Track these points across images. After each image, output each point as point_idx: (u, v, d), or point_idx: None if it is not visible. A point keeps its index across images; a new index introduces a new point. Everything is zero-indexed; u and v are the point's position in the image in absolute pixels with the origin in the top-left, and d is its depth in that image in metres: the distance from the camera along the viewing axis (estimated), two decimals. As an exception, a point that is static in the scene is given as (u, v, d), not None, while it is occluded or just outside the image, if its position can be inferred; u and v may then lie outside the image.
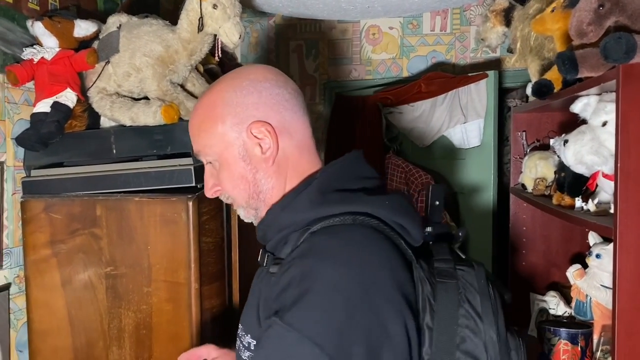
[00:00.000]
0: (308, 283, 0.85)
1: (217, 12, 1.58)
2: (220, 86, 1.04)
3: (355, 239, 0.91)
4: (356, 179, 1.01)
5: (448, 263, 0.96)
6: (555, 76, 1.44)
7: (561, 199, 1.49)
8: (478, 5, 2.90)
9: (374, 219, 0.94)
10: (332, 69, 3.10)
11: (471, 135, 2.67)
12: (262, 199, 1.01)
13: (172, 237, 1.58)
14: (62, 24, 1.69)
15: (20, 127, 1.69)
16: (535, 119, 2.17)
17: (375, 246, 0.91)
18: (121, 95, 1.74)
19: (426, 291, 0.91)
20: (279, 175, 1.01)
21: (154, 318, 1.61)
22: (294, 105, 1.02)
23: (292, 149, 1.01)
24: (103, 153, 1.70)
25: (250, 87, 1.00)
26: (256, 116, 0.98)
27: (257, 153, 0.99)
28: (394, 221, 0.96)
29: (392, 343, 0.85)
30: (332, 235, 0.91)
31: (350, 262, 0.87)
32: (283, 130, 1.00)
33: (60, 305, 1.66)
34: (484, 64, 2.92)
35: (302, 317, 0.83)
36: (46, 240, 1.66)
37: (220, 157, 1.01)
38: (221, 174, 1.02)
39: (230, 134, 0.99)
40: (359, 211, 0.93)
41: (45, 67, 1.66)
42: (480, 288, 0.93)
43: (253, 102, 0.99)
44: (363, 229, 0.92)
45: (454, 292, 0.92)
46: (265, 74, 1.03)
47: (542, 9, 1.58)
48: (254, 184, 1.00)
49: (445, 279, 0.93)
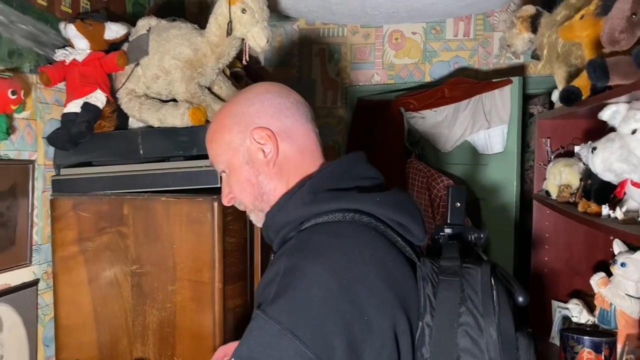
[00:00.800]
0: (290, 277, 0.88)
1: (245, 17, 1.60)
2: (229, 102, 1.15)
3: (341, 234, 0.94)
4: (351, 179, 1.04)
5: (454, 261, 0.97)
6: (583, 83, 1.43)
7: (587, 206, 1.48)
8: (502, 12, 2.89)
9: (366, 215, 0.96)
10: (354, 73, 3.11)
11: (494, 141, 2.66)
12: (266, 200, 1.07)
13: (197, 236, 1.60)
14: (93, 26, 1.73)
15: (51, 126, 1.73)
16: (559, 126, 2.15)
17: (361, 241, 0.93)
18: (150, 97, 1.77)
19: (427, 290, 0.93)
20: (281, 177, 1.06)
21: (177, 316, 1.63)
22: (295, 113, 1.09)
23: (294, 152, 1.07)
24: (130, 153, 1.73)
25: (254, 99, 1.09)
26: (258, 123, 1.06)
27: (259, 157, 1.06)
28: (390, 218, 0.98)
29: (375, 337, 0.86)
30: (317, 232, 0.95)
31: (334, 257, 0.89)
32: (284, 135, 1.06)
33: (86, 301, 1.70)
34: (507, 70, 2.91)
35: (283, 310, 0.85)
36: (74, 237, 1.70)
37: (229, 163, 1.09)
38: (231, 180, 1.10)
39: (236, 141, 1.07)
40: (348, 208, 0.96)
41: (76, 68, 1.69)
42: (483, 285, 0.92)
43: (255, 111, 1.07)
44: (351, 224, 0.95)
45: (456, 289, 0.92)
46: (268, 88, 1.13)
47: (570, 15, 1.57)
48: (258, 186, 1.07)
49: (449, 277, 0.94)
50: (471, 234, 1.11)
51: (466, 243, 1.10)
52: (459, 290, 0.92)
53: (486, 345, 0.89)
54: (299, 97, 1.13)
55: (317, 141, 1.11)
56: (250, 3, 1.61)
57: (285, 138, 1.06)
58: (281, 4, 2.39)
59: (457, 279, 0.93)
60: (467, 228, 1.12)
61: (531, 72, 2.87)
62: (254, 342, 0.86)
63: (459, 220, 1.14)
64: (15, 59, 1.58)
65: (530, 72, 2.87)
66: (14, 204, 1.58)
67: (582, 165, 1.77)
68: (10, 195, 1.56)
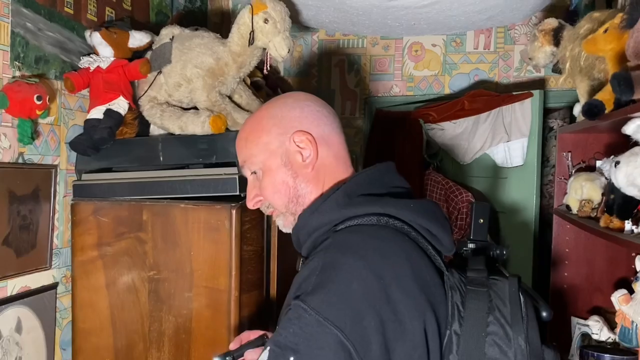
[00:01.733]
0: (330, 271, 0.89)
1: (267, 27, 1.62)
2: (266, 105, 1.15)
3: (377, 235, 0.95)
4: (383, 186, 1.06)
5: (481, 273, 0.98)
6: (606, 97, 1.42)
7: (609, 221, 1.46)
8: (523, 25, 2.88)
9: (399, 221, 0.97)
10: (373, 84, 3.12)
11: (514, 155, 2.64)
12: (300, 203, 1.07)
13: (215, 244, 1.61)
14: (118, 34, 1.75)
15: (74, 132, 1.76)
16: (581, 140, 2.13)
17: (397, 245, 0.94)
18: (171, 105, 1.79)
19: (455, 299, 0.93)
20: (317, 181, 1.07)
21: (193, 323, 1.64)
22: (332, 122, 1.12)
23: (330, 158, 1.09)
24: (151, 160, 1.75)
25: (294, 104, 1.11)
26: (298, 127, 1.07)
27: (298, 160, 1.06)
28: (420, 225, 0.98)
29: (408, 338, 0.87)
30: (354, 232, 0.96)
31: (372, 256, 0.90)
32: (322, 141, 1.08)
33: (103, 306, 1.71)
34: (528, 84, 2.89)
35: (323, 301, 0.86)
36: (93, 242, 1.72)
37: (264, 165, 1.08)
38: (264, 181, 1.09)
39: (274, 142, 1.08)
40: (382, 212, 0.97)
41: (100, 75, 1.72)
42: (511, 296, 0.93)
43: (296, 115, 1.09)
44: (385, 228, 0.96)
45: (484, 299, 0.93)
46: (306, 96, 1.16)
47: (593, 29, 1.56)
48: (294, 188, 1.07)
49: (477, 287, 0.95)
50: (493, 250, 1.12)
51: (488, 258, 1.10)
52: (487, 300, 0.93)
53: (514, 354, 0.89)
54: (332, 109, 1.16)
55: (347, 150, 1.14)
56: (272, 13, 1.62)
57: (323, 144, 1.08)
58: (302, 15, 2.41)
59: (484, 290, 0.94)
60: (489, 244, 1.13)
61: (551, 85, 2.85)
62: (292, 331, 0.86)
63: (482, 237, 1.15)
64: (42, 66, 1.61)
65: (550, 85, 2.85)
66: (36, 208, 1.60)
67: (604, 179, 1.75)
68: (32, 199, 1.58)
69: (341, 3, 2.16)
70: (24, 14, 1.53)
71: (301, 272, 0.94)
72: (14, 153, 1.52)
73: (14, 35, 1.50)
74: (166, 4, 2.32)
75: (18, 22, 1.51)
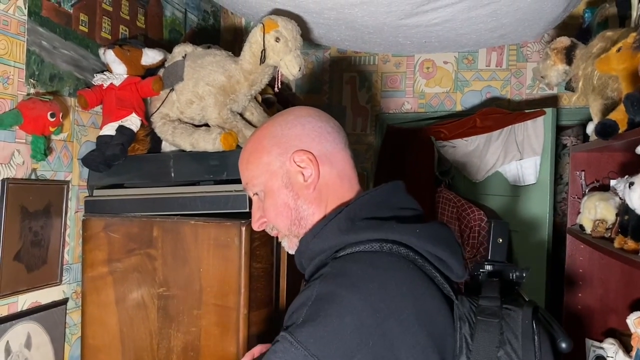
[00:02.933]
0: (323, 304, 0.84)
1: (279, 45, 1.63)
2: (268, 124, 1.11)
3: (378, 264, 0.89)
4: (389, 208, 1.01)
5: (494, 301, 0.92)
6: (620, 116, 1.40)
7: (624, 242, 1.44)
8: (536, 42, 2.88)
9: (404, 247, 0.92)
10: (384, 101, 3.12)
11: (527, 173, 2.62)
12: (303, 225, 1.04)
13: (224, 261, 1.60)
14: (131, 52, 1.77)
15: (87, 148, 1.77)
16: (594, 159, 2.11)
17: (399, 274, 0.89)
18: (183, 122, 1.80)
19: (464, 330, 0.88)
20: (320, 202, 1.04)
21: (202, 341, 1.63)
22: (335, 138, 1.07)
23: (334, 177, 1.05)
24: (162, 176, 1.76)
25: (295, 121, 1.07)
26: (299, 146, 1.04)
27: (299, 180, 1.03)
28: (428, 252, 0.93)
29: None
30: (354, 260, 0.91)
31: (369, 288, 0.85)
32: (324, 159, 1.04)
33: (113, 322, 1.71)
34: (540, 101, 2.88)
35: (312, 335, 0.82)
36: (104, 258, 1.72)
37: (266, 186, 1.06)
38: (266, 203, 1.06)
39: (275, 163, 1.04)
40: (386, 238, 0.92)
41: (113, 92, 1.74)
42: (524, 329, 0.87)
43: (296, 134, 1.05)
44: (389, 256, 0.91)
45: (495, 332, 0.87)
46: (308, 111, 1.10)
47: (606, 48, 1.56)
48: (296, 210, 1.04)
49: (488, 318, 0.89)
50: (512, 272, 1.06)
51: (507, 281, 1.05)
52: (498, 333, 0.87)
53: None
54: (337, 123, 1.11)
55: (354, 168, 1.09)
56: (283, 32, 1.63)
57: (326, 162, 1.04)
58: (314, 33, 2.42)
59: (496, 321, 0.88)
60: (508, 266, 1.07)
61: (564, 103, 2.83)
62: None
63: (501, 257, 1.09)
64: (56, 83, 1.63)
65: (563, 103, 2.83)
66: (48, 224, 1.61)
67: (618, 199, 1.73)
68: (44, 215, 1.59)
69: (352, 22, 2.17)
70: (40, 32, 1.56)
71: (296, 299, 0.90)
72: (27, 169, 1.54)
73: (29, 54, 1.52)
74: (179, 22, 2.34)
75: (34, 41, 1.54)
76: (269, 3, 1.88)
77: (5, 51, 1.45)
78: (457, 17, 2.09)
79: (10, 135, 1.48)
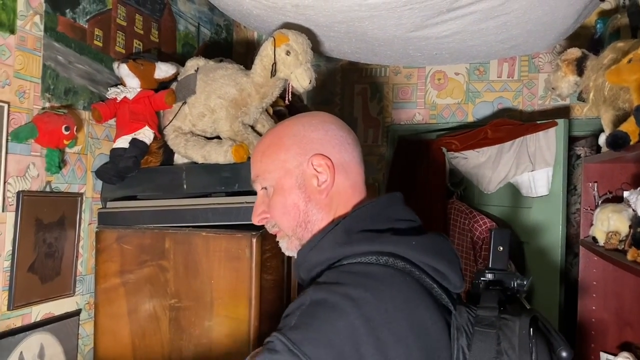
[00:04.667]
0: (316, 308, 0.84)
1: (289, 59, 1.64)
2: (290, 121, 1.11)
3: (373, 275, 0.89)
4: (386, 220, 1.01)
5: (492, 311, 0.91)
6: (631, 128, 1.40)
7: (637, 255, 1.43)
8: (547, 53, 2.87)
9: (400, 259, 0.92)
10: (395, 112, 3.13)
11: (539, 184, 2.59)
12: (309, 229, 1.04)
13: (235, 272, 1.61)
14: (144, 66, 1.80)
15: (100, 161, 1.80)
16: (607, 170, 2.10)
17: (394, 286, 0.88)
18: (195, 134, 1.82)
19: (461, 342, 0.88)
20: (330, 209, 1.04)
21: (213, 352, 1.63)
22: (353, 150, 1.09)
23: (347, 187, 1.05)
24: (174, 188, 1.78)
25: (318, 125, 1.08)
26: (319, 150, 1.04)
27: (313, 184, 1.03)
28: (425, 263, 0.93)
29: None
30: (349, 271, 0.91)
31: (364, 297, 0.85)
32: (341, 169, 1.04)
33: (125, 333, 1.72)
34: (552, 112, 2.87)
35: (304, 337, 0.81)
36: (116, 269, 1.74)
37: (277, 183, 1.05)
38: (274, 200, 1.05)
39: (292, 162, 1.04)
40: (382, 251, 0.92)
41: (127, 105, 1.76)
42: (521, 340, 0.86)
43: (318, 137, 1.05)
44: (384, 268, 0.91)
45: (492, 342, 0.87)
46: (332, 119, 1.12)
47: (617, 59, 1.55)
48: (305, 212, 1.03)
49: (485, 328, 0.88)
50: (514, 280, 1.05)
51: (508, 290, 1.04)
52: (495, 344, 0.86)
53: None
54: (356, 136, 1.12)
55: (364, 183, 1.10)
56: (294, 45, 1.65)
57: (342, 172, 1.04)
58: (324, 46, 2.44)
59: (493, 331, 0.87)
60: (509, 274, 1.06)
61: (577, 114, 2.81)
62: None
63: (502, 265, 1.09)
64: (71, 97, 1.66)
65: (576, 113, 2.82)
66: (62, 235, 1.63)
67: (632, 211, 1.71)
68: (58, 227, 1.62)
69: (362, 34, 2.18)
70: (56, 47, 1.59)
71: (291, 304, 0.90)
72: (42, 182, 1.56)
73: (45, 68, 1.55)
74: (192, 36, 2.38)
75: (49, 56, 1.57)
76: (280, 17, 1.90)
77: (22, 66, 1.48)
78: (467, 29, 2.10)
79: (26, 149, 1.50)
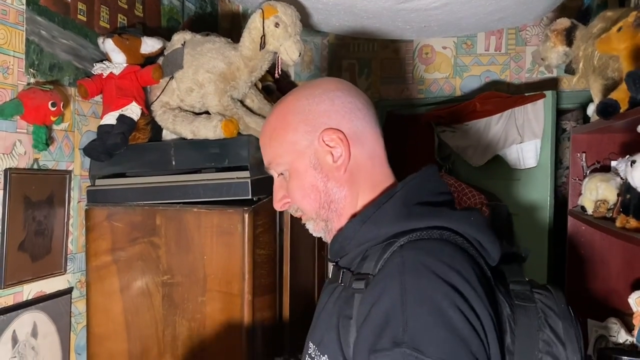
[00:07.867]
0: (416, 305, 0.78)
1: (278, 31, 1.62)
2: (292, 96, 1.03)
3: (446, 255, 0.84)
4: (436, 194, 0.96)
5: (524, 285, 0.90)
6: (621, 96, 1.40)
7: (626, 221, 1.45)
8: (535, 26, 2.87)
9: (458, 235, 0.88)
10: (384, 87, 3.11)
11: (527, 156, 2.61)
12: (333, 209, 0.98)
13: (228, 248, 1.61)
14: (130, 41, 1.77)
15: (88, 138, 1.77)
16: (595, 140, 2.12)
17: (463, 264, 0.84)
18: (183, 110, 1.80)
19: (506, 313, 0.87)
20: (352, 184, 0.97)
21: (207, 327, 1.64)
22: (366, 114, 0.99)
23: (364, 158, 0.98)
24: (163, 165, 1.76)
25: (323, 96, 0.99)
26: (328, 124, 0.96)
27: (328, 161, 0.96)
28: (477, 240, 0.90)
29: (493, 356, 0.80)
30: (422, 251, 0.84)
31: (448, 280, 0.80)
32: (355, 139, 0.97)
33: (117, 310, 1.72)
34: (540, 84, 2.88)
35: (429, 341, 0.75)
36: (107, 247, 1.73)
37: (291, 166, 0.99)
38: (291, 184, 1.00)
39: (302, 142, 0.97)
40: (444, 226, 0.88)
41: (113, 81, 1.73)
42: (562, 313, 0.87)
43: (325, 110, 0.97)
44: (450, 245, 0.86)
45: (534, 316, 0.86)
46: (337, 84, 1.02)
47: (606, 28, 1.55)
48: (326, 193, 0.97)
49: (524, 302, 0.88)
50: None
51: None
52: (537, 317, 0.87)
53: None
54: (367, 97, 1.03)
55: (384, 147, 1.02)
56: (283, 17, 1.63)
57: (357, 142, 0.97)
58: (313, 19, 2.41)
59: (532, 305, 0.88)
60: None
61: (564, 86, 2.83)
62: None
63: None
64: (56, 72, 1.63)
65: (563, 86, 2.83)
66: (51, 213, 1.61)
67: (620, 180, 1.73)
68: (47, 205, 1.60)
69: (351, 6, 2.16)
70: (38, 21, 1.55)
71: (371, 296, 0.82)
72: (29, 159, 1.54)
73: (28, 43, 1.52)
74: (177, 10, 2.33)
75: (33, 30, 1.53)
76: (267, -11, 1.87)
77: (4, 41, 1.44)
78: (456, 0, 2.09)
79: (12, 125, 1.47)
